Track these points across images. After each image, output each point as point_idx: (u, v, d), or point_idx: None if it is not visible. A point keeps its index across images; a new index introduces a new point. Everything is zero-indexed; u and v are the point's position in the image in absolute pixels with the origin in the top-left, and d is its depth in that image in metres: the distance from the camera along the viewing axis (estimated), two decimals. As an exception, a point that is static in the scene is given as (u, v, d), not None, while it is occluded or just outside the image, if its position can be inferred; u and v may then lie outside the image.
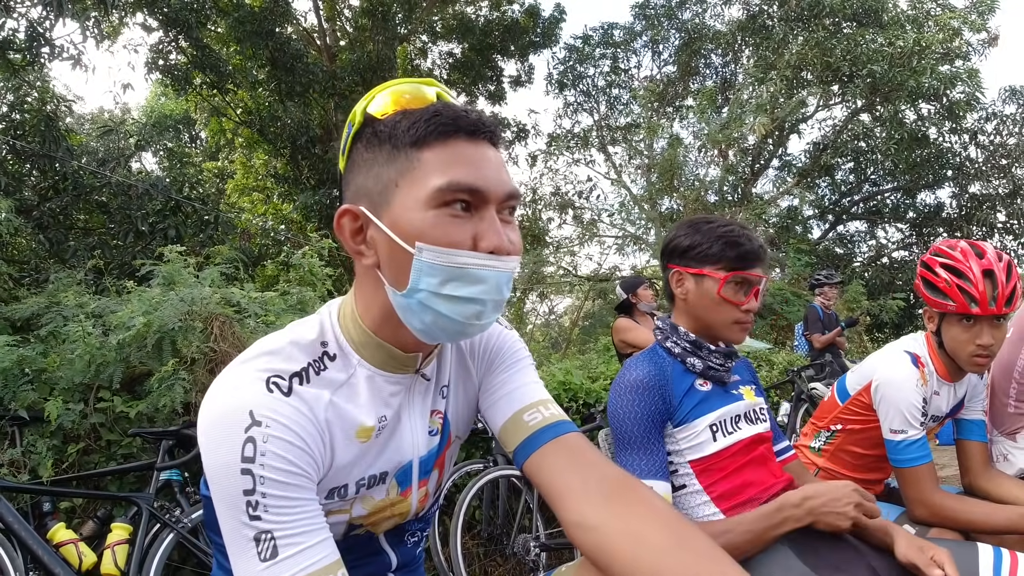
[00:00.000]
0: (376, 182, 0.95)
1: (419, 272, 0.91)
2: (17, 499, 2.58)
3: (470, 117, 0.94)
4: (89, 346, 2.94)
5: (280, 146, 15.21)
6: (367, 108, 0.97)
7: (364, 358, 1.02)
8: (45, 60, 10.18)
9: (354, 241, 0.99)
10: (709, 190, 17.00)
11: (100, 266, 5.90)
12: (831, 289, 7.10)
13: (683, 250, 1.72)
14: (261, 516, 0.84)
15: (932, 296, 1.93)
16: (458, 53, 18.16)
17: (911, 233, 20.56)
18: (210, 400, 0.91)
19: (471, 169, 0.91)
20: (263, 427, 0.86)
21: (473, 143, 0.94)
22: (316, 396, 0.95)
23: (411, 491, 1.11)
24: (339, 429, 0.97)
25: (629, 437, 1.59)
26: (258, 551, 0.84)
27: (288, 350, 0.97)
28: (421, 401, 1.10)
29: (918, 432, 1.92)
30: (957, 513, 1.86)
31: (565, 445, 1.05)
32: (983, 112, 17.61)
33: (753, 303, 1.65)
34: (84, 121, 15.36)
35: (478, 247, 0.91)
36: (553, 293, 21.11)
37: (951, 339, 1.93)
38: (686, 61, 19.72)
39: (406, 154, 0.92)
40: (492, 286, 0.92)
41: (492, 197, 0.93)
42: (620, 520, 0.92)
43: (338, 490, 1.00)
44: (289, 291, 4.05)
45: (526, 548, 3.31)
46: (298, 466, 0.88)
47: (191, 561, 2.77)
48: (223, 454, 0.85)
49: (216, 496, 0.87)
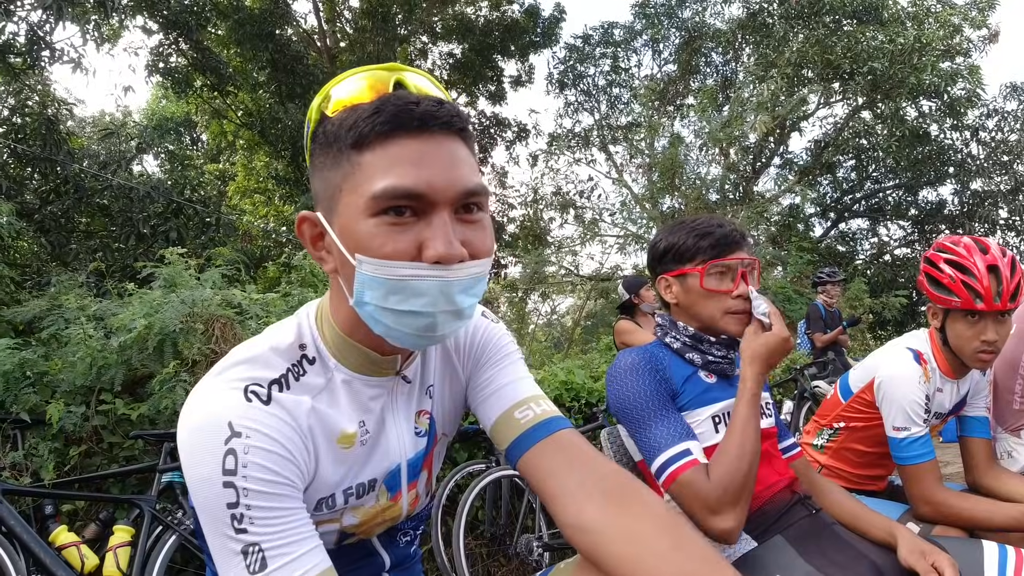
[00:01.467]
0: (325, 187, 0.90)
1: (362, 284, 0.86)
2: (19, 502, 2.59)
3: (417, 109, 0.84)
4: (90, 349, 2.94)
5: (281, 148, 15.24)
6: (320, 105, 0.91)
7: (340, 362, 0.99)
8: (45, 64, 10.21)
9: (315, 247, 0.95)
10: (710, 189, 16.97)
11: (101, 269, 5.91)
12: (833, 287, 7.08)
13: (662, 255, 1.73)
14: (247, 529, 0.82)
15: (936, 292, 1.92)
16: (458, 53, 18.20)
17: (913, 230, 20.52)
18: (187, 413, 0.88)
19: (411, 170, 0.83)
20: (243, 438, 0.84)
21: (420, 138, 0.84)
22: (297, 403, 0.92)
23: (401, 495, 1.09)
24: (322, 436, 0.95)
25: (642, 414, 1.55)
26: (246, 564, 0.82)
27: (266, 356, 0.94)
28: (405, 403, 1.08)
29: (921, 429, 1.91)
30: (960, 511, 1.85)
31: (558, 443, 1.02)
32: (984, 108, 17.57)
33: (743, 287, 1.63)
34: (85, 124, 15.43)
35: (422, 256, 0.83)
36: (555, 293, 21.06)
37: (956, 335, 1.92)
38: (686, 60, 19.68)
39: (348, 157, 0.86)
40: (438, 297, 0.84)
41: (440, 199, 0.84)
42: (616, 523, 0.91)
43: (325, 501, 0.98)
44: (291, 292, 4.05)
45: (529, 548, 3.31)
46: (282, 475, 0.86)
47: (193, 563, 2.77)
48: (203, 468, 0.83)
49: (199, 510, 0.85)
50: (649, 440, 1.53)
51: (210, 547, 0.85)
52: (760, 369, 1.53)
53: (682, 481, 1.44)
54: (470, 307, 0.89)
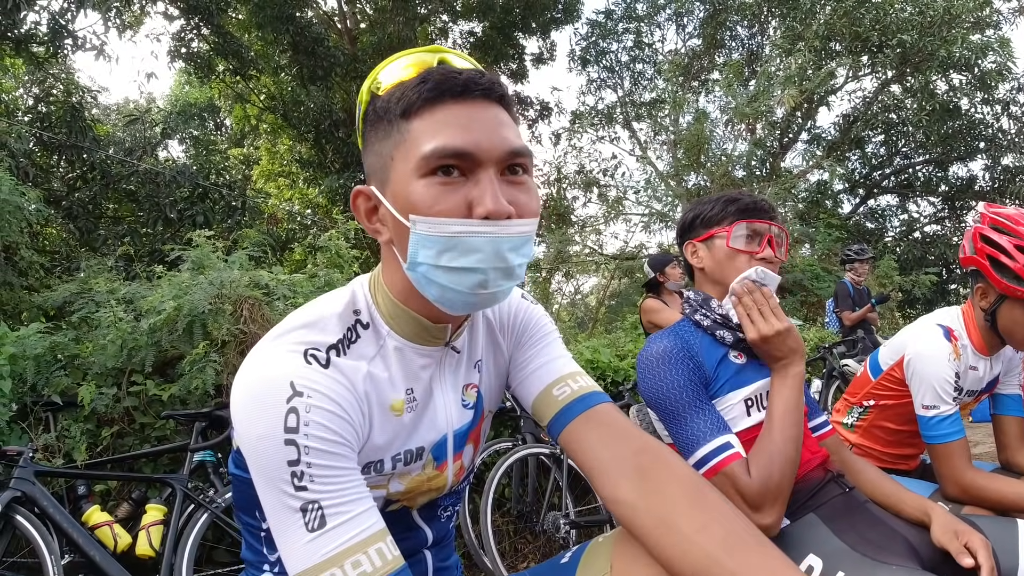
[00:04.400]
0: (378, 159, 0.94)
1: (416, 245, 0.89)
2: (52, 483, 2.63)
3: (459, 77, 0.89)
4: (121, 331, 2.97)
5: (304, 131, 15.29)
6: (371, 87, 0.96)
7: (394, 329, 1.02)
8: (68, 52, 10.31)
9: (369, 221, 0.99)
10: (737, 165, 16.71)
11: (130, 253, 5.98)
12: (862, 265, 6.96)
13: (690, 223, 1.74)
14: (307, 486, 0.83)
15: (1002, 279, 1.81)
16: (479, 32, 18.03)
17: (943, 207, 20.15)
18: (246, 374, 0.90)
19: (458, 131, 0.87)
20: (305, 397, 0.86)
21: (464, 104, 0.89)
22: (354, 368, 0.95)
23: (447, 465, 1.11)
24: (376, 402, 0.97)
25: (678, 406, 1.53)
26: (305, 521, 0.83)
27: (323, 322, 0.96)
28: (452, 374, 1.10)
29: (951, 407, 1.87)
30: (988, 491, 1.81)
31: (595, 418, 1.05)
32: (1015, 82, 17.07)
33: (768, 252, 1.62)
34: (110, 111, 15.58)
35: (472, 213, 0.87)
36: (579, 272, 21.00)
37: (1012, 320, 1.85)
38: (711, 34, 19.38)
39: (397, 126, 0.91)
40: (490, 253, 0.88)
41: (486, 158, 0.88)
42: (648, 500, 0.95)
43: (374, 464, 1.00)
44: (317, 273, 4.07)
45: (556, 525, 3.32)
46: (341, 436, 0.88)
47: (225, 540, 2.81)
48: (264, 426, 0.84)
49: (256, 470, 0.86)
50: (686, 433, 1.51)
51: (266, 507, 0.87)
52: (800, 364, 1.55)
53: (725, 474, 1.44)
54: (520, 266, 0.91)
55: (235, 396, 0.89)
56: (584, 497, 3.73)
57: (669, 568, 0.90)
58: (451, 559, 1.25)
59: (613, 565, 1.03)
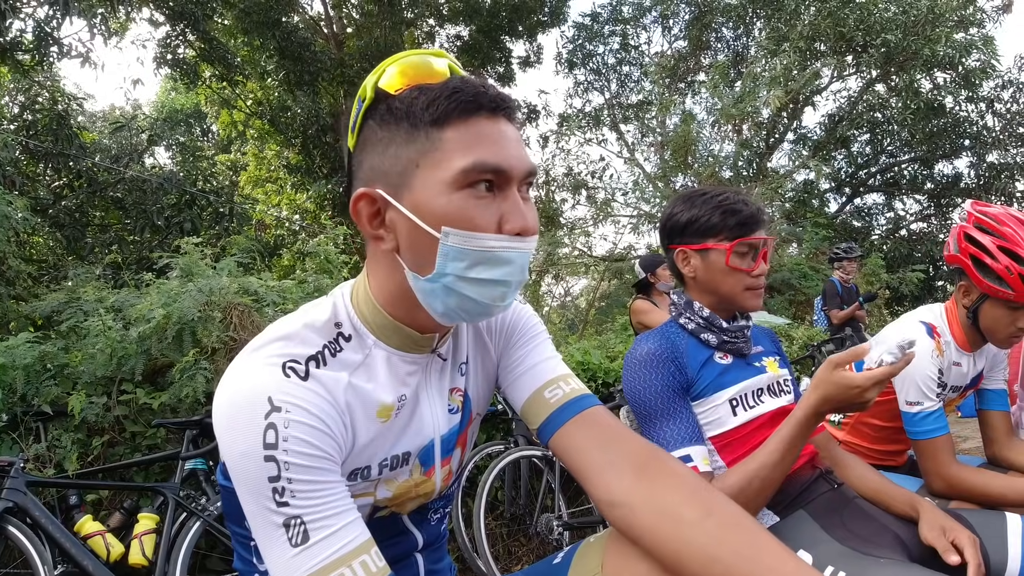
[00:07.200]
0: (394, 163, 0.91)
1: (445, 256, 0.89)
2: (43, 493, 2.62)
3: (489, 93, 0.90)
4: (110, 340, 2.97)
5: (291, 136, 15.26)
6: (378, 83, 0.93)
7: (380, 339, 1.01)
8: (54, 59, 10.25)
9: (371, 225, 0.95)
10: (724, 166, 16.77)
11: (118, 261, 5.97)
12: (850, 263, 7.02)
13: (683, 227, 1.68)
14: (288, 502, 0.83)
15: (985, 279, 1.82)
16: (466, 35, 18.01)
17: (929, 204, 20.27)
18: (225, 390, 0.89)
19: (495, 148, 0.89)
20: (283, 412, 0.85)
21: (493, 120, 0.91)
22: (335, 379, 0.93)
23: (434, 471, 1.10)
24: (360, 410, 0.96)
25: (652, 410, 1.55)
26: (288, 537, 0.83)
27: (302, 333, 0.95)
28: (438, 380, 1.10)
29: (934, 404, 1.88)
30: (974, 486, 1.82)
31: (588, 420, 1.05)
32: (999, 80, 17.24)
33: (762, 266, 1.63)
34: (96, 118, 15.52)
35: (503, 229, 0.89)
36: (568, 274, 21.02)
37: (992, 319, 1.86)
38: (697, 35, 19.45)
39: (426, 133, 0.89)
40: (517, 267, 0.91)
41: (515, 176, 0.90)
42: (647, 495, 0.94)
43: (361, 471, 0.99)
44: (306, 279, 4.07)
45: (549, 527, 3.32)
46: (322, 449, 0.87)
47: (218, 548, 2.81)
48: (244, 443, 0.84)
49: (239, 485, 0.86)
50: (655, 438, 1.54)
51: (250, 521, 0.87)
52: (822, 407, 1.41)
53: None
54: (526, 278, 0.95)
55: (216, 412, 0.88)
56: (577, 499, 3.74)
57: (673, 559, 0.89)
58: (443, 562, 1.25)
59: (604, 564, 1.03)
